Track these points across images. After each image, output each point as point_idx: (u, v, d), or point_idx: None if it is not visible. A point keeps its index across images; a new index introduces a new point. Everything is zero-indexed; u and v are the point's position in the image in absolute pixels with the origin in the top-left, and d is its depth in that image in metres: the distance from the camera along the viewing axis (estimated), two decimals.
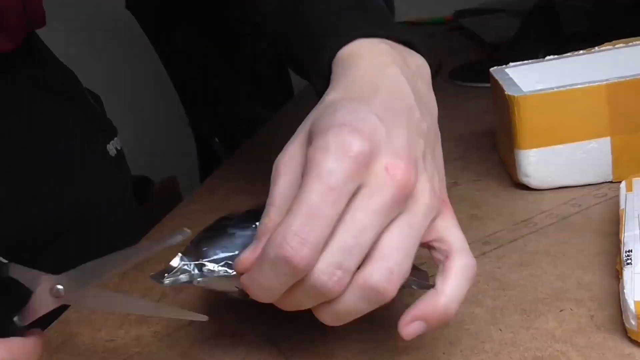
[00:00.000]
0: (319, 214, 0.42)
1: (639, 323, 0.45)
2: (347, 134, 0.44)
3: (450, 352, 0.49)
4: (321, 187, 0.43)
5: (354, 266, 0.43)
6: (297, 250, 0.42)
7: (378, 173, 0.44)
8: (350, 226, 0.43)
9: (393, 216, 0.44)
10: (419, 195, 0.46)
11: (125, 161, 0.98)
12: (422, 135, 0.49)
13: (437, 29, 1.87)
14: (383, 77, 0.52)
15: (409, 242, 0.45)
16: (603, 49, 0.79)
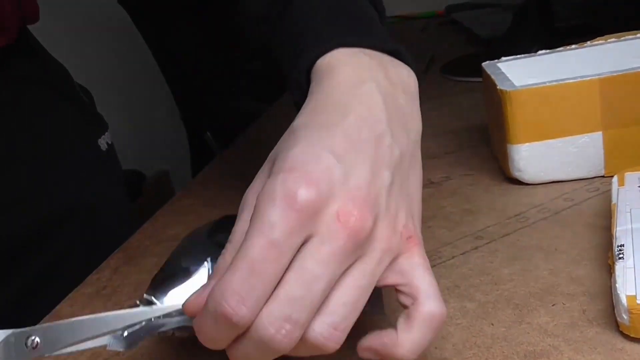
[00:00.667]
0: (260, 270, 0.40)
1: (631, 317, 0.45)
2: (293, 182, 0.41)
3: (442, 346, 0.49)
4: (262, 242, 0.40)
5: (305, 319, 0.40)
6: (236, 309, 0.39)
7: (329, 221, 0.41)
8: (299, 276, 0.40)
9: (347, 264, 0.42)
10: (376, 238, 0.43)
11: (116, 156, 0.98)
12: (390, 165, 0.45)
13: (429, 23, 1.87)
14: (355, 96, 0.48)
15: (359, 293, 0.42)
16: (595, 43, 0.79)
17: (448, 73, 1.24)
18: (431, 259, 0.60)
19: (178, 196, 0.90)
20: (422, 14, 2.02)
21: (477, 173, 0.77)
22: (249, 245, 0.40)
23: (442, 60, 1.32)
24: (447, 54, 1.35)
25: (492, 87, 0.72)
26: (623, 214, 0.56)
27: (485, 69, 0.77)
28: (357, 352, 0.44)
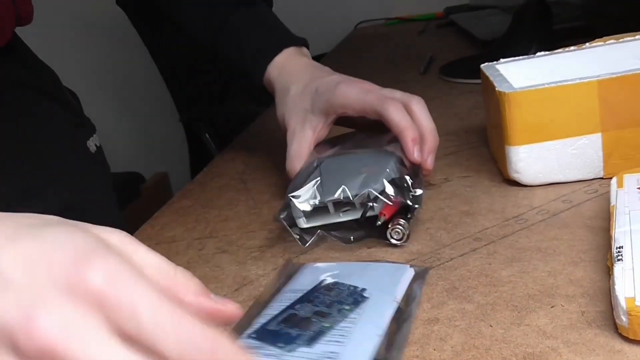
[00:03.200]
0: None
1: (630, 319, 0.45)
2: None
3: (441, 348, 0.49)
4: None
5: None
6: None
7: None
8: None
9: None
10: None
11: (104, 158, 0.99)
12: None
13: (428, 25, 1.87)
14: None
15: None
16: (594, 45, 0.79)
17: (447, 75, 1.24)
18: (430, 260, 0.60)
19: (177, 198, 0.90)
20: (421, 15, 2.02)
21: (476, 175, 0.77)
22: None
23: (441, 61, 1.32)
24: (445, 56, 1.35)
25: (491, 88, 0.72)
26: (622, 216, 0.56)
27: (483, 71, 0.77)
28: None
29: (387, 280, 0.57)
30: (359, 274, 0.58)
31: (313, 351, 0.48)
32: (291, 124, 0.82)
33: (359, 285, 0.56)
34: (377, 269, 0.59)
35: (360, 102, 0.76)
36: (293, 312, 0.53)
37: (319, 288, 0.56)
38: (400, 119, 0.73)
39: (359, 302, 0.53)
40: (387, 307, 0.53)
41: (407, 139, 0.72)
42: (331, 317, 0.52)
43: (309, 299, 0.55)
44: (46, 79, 0.93)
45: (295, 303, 0.54)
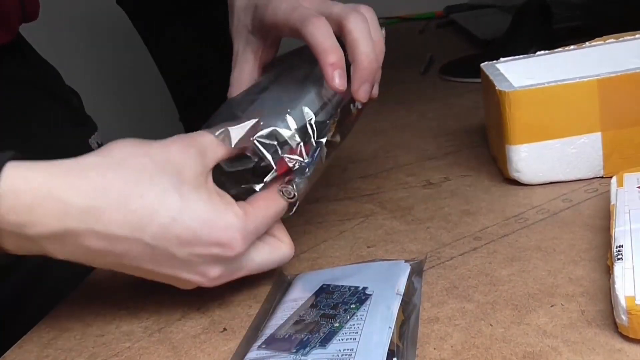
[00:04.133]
0: None
1: (630, 318, 0.45)
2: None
3: (441, 347, 0.49)
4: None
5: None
6: None
7: None
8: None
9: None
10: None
11: None
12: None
13: (428, 25, 1.87)
14: None
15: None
16: (594, 44, 0.79)
17: (447, 74, 1.24)
18: (430, 260, 0.60)
19: None
20: (421, 15, 2.02)
21: (476, 174, 0.77)
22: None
23: (441, 61, 1.32)
24: (445, 55, 1.35)
25: (491, 88, 0.72)
26: (622, 215, 0.56)
27: (483, 70, 0.77)
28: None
29: (386, 276, 0.57)
30: (357, 275, 0.58)
31: (328, 351, 0.48)
32: (234, 45, 0.73)
33: (359, 285, 0.56)
34: (373, 268, 0.60)
35: (285, 20, 0.64)
36: (300, 319, 0.53)
37: (320, 293, 0.57)
38: (321, 40, 0.61)
39: (363, 299, 0.54)
40: (391, 301, 0.53)
41: (325, 62, 0.60)
42: (339, 317, 0.52)
43: (313, 304, 0.55)
44: (49, 78, 0.93)
45: (299, 310, 0.54)
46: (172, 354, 0.54)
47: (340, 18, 0.63)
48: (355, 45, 0.62)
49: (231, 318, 0.58)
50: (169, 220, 0.52)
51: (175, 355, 0.54)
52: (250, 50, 0.71)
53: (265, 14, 0.67)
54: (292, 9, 0.64)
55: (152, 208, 0.52)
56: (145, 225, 0.52)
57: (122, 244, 0.52)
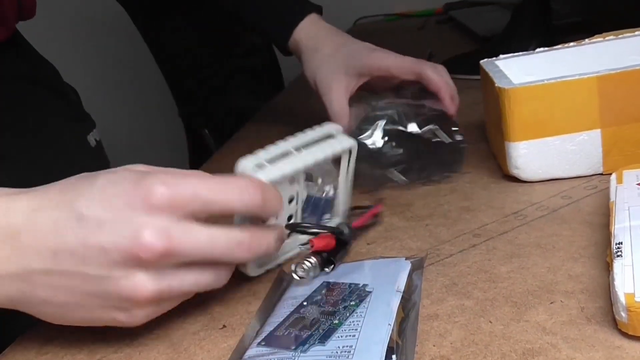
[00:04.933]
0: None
1: (629, 315, 0.45)
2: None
3: (440, 344, 0.49)
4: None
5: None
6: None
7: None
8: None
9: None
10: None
11: (104, 151, 0.99)
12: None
13: (428, 21, 1.87)
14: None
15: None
16: (593, 41, 0.79)
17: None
18: (429, 256, 0.60)
19: None
20: (420, 11, 2.02)
21: (476, 170, 0.77)
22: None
23: (441, 57, 1.32)
24: (445, 52, 1.35)
25: (491, 84, 0.72)
26: (621, 212, 0.56)
27: (483, 67, 0.77)
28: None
29: (386, 274, 0.57)
30: (357, 272, 0.58)
31: (327, 348, 0.48)
32: (326, 80, 0.89)
33: (359, 282, 0.56)
34: (373, 265, 0.60)
35: (398, 64, 0.86)
36: (299, 316, 0.53)
37: (320, 290, 0.56)
38: (439, 78, 0.83)
39: (363, 297, 0.54)
40: (391, 298, 0.53)
41: (446, 95, 0.82)
42: (338, 315, 0.52)
43: (312, 301, 0.55)
44: (47, 74, 0.93)
45: (299, 307, 0.54)
46: (172, 350, 0.54)
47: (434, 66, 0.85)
48: (451, 84, 0.84)
49: (231, 315, 0.58)
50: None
51: (175, 352, 0.54)
52: (344, 86, 0.88)
53: (370, 59, 0.88)
54: (401, 57, 0.87)
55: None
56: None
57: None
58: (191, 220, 0.51)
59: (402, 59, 0.87)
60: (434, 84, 0.83)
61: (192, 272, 0.53)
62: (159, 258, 0.50)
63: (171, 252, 0.50)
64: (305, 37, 0.95)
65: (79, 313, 0.53)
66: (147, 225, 0.49)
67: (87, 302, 0.52)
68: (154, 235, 0.49)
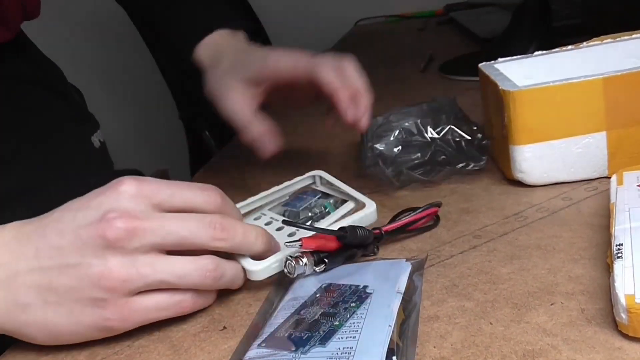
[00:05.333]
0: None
1: (630, 316, 0.45)
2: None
3: (441, 345, 0.49)
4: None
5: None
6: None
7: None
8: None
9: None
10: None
11: (107, 153, 0.99)
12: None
13: (428, 23, 1.87)
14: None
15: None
16: (591, 44, 0.79)
17: (446, 72, 1.24)
18: (430, 258, 0.60)
19: None
20: (420, 13, 2.02)
21: (476, 172, 0.77)
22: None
23: (441, 59, 1.32)
24: (445, 53, 1.35)
25: (493, 87, 0.71)
26: (622, 213, 0.56)
27: (482, 70, 0.77)
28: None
29: (386, 275, 0.57)
30: (357, 274, 0.58)
31: (328, 349, 0.48)
32: (223, 95, 0.81)
33: (359, 284, 0.56)
34: (373, 266, 0.59)
35: (291, 66, 0.77)
36: (300, 317, 0.53)
37: (321, 292, 0.56)
38: (333, 79, 0.73)
39: (363, 298, 0.54)
40: (392, 299, 0.53)
41: (341, 97, 0.72)
42: (339, 316, 0.52)
43: (313, 302, 0.55)
44: (51, 75, 0.93)
45: (299, 309, 0.54)
46: (172, 352, 0.54)
47: (336, 63, 0.75)
48: (356, 84, 0.74)
49: (231, 316, 0.58)
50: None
51: (175, 354, 0.54)
52: (240, 93, 0.80)
53: (263, 64, 0.79)
54: (295, 57, 0.77)
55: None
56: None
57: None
58: (158, 210, 0.55)
59: (296, 58, 0.78)
60: (326, 86, 0.73)
61: (166, 260, 0.54)
62: (125, 235, 0.52)
63: (137, 230, 0.52)
64: (206, 56, 0.89)
65: (61, 319, 0.53)
66: (115, 209, 0.53)
67: (66, 299, 0.53)
68: (120, 215, 0.52)
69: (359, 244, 0.61)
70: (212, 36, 0.89)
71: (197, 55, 0.89)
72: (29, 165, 0.84)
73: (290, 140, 0.84)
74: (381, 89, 0.84)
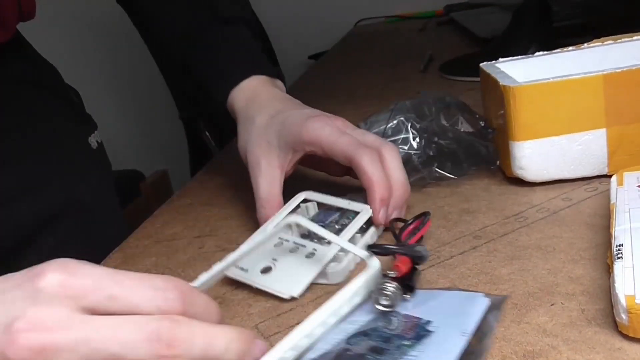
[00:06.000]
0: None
1: (630, 317, 0.45)
2: None
3: None
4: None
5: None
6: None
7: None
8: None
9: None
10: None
11: (106, 154, 0.99)
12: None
13: (428, 23, 1.87)
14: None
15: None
16: (592, 45, 0.79)
17: (446, 72, 1.24)
18: (430, 258, 0.60)
19: (176, 196, 0.90)
20: (421, 13, 2.02)
21: (476, 173, 0.77)
22: None
23: (441, 59, 1.32)
24: (445, 54, 1.35)
25: (494, 84, 0.71)
26: (622, 214, 0.56)
27: (483, 69, 0.77)
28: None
29: (455, 311, 0.51)
30: (423, 304, 0.52)
31: None
32: (254, 156, 0.74)
33: (423, 317, 0.50)
34: (443, 297, 0.54)
35: (331, 143, 0.69)
36: (346, 348, 0.48)
37: (377, 319, 0.51)
38: (373, 172, 0.66)
39: (421, 336, 0.48)
40: (454, 344, 0.47)
41: (376, 197, 0.66)
42: (388, 354, 0.46)
43: (365, 332, 0.50)
44: (48, 76, 0.93)
45: (350, 337, 0.49)
46: None
47: (378, 149, 0.68)
48: (394, 177, 0.68)
49: (231, 317, 0.58)
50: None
51: None
52: (277, 164, 0.73)
53: (302, 132, 0.70)
54: (338, 133, 0.69)
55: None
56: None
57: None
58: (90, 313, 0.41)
59: (338, 136, 0.69)
60: (366, 178, 0.66)
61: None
62: (30, 356, 0.39)
63: (47, 351, 0.39)
64: (241, 102, 0.80)
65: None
66: (24, 316, 0.39)
67: None
68: (30, 327, 0.39)
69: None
70: (247, 82, 0.82)
71: (230, 100, 0.82)
72: (26, 166, 0.84)
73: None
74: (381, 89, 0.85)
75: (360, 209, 0.67)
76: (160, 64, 2.16)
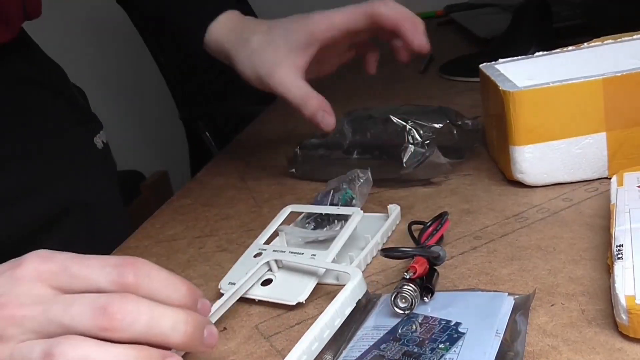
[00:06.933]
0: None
1: (630, 317, 0.45)
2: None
3: None
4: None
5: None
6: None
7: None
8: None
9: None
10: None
11: (110, 154, 0.99)
12: None
13: (428, 23, 1.87)
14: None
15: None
16: (592, 45, 0.79)
17: (446, 73, 1.24)
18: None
19: (177, 196, 0.90)
20: (421, 14, 2.01)
21: (476, 173, 0.77)
22: None
23: (441, 60, 1.32)
24: (445, 54, 1.35)
25: (494, 88, 0.71)
26: (622, 214, 0.56)
27: (483, 71, 0.77)
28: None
29: (483, 311, 0.50)
30: (449, 306, 0.51)
31: None
32: (269, 68, 0.77)
33: (452, 319, 0.49)
34: (467, 298, 0.53)
35: (344, 14, 0.76)
36: (378, 353, 0.47)
37: (406, 323, 0.50)
38: (393, 14, 0.75)
39: (455, 339, 0.47)
40: (489, 344, 0.46)
41: (407, 27, 0.75)
42: (424, 358, 0.45)
43: (396, 336, 0.49)
44: (54, 76, 0.93)
45: (380, 342, 0.48)
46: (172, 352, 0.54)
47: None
48: (409, 13, 0.76)
49: (231, 317, 0.58)
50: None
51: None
52: (294, 67, 0.77)
53: (313, 25, 0.76)
54: (345, 8, 0.76)
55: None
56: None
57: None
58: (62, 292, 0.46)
59: (345, 8, 0.76)
60: (389, 19, 0.74)
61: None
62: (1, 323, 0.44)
63: (16, 318, 0.44)
64: (226, 32, 0.82)
65: None
66: (3, 293, 0.45)
67: None
68: (5, 302, 0.44)
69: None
70: (226, 16, 0.83)
71: (212, 38, 0.83)
72: (31, 165, 0.84)
73: (286, 142, 0.84)
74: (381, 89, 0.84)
75: (350, 212, 0.67)
76: (161, 64, 2.16)
